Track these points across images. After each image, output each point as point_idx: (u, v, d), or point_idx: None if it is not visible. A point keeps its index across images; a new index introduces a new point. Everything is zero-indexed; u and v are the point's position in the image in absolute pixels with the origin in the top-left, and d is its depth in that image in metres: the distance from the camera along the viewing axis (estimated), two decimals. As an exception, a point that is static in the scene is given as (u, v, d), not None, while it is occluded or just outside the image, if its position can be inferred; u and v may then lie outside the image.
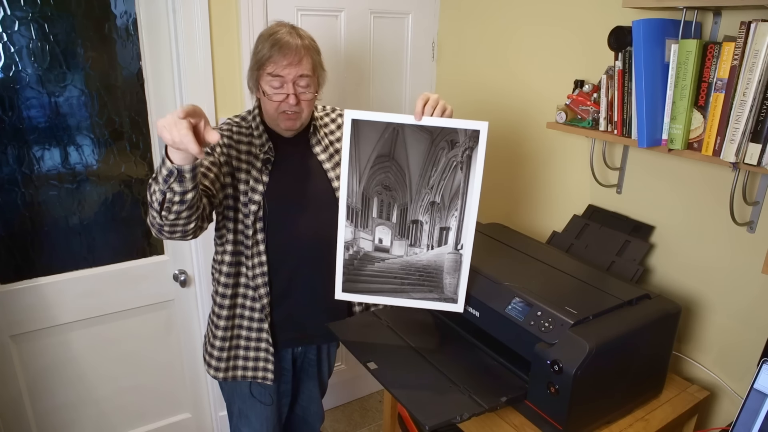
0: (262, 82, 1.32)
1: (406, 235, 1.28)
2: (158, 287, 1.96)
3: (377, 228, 1.31)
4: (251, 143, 1.39)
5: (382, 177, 1.28)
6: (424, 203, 1.27)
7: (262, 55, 1.30)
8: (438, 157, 1.24)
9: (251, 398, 1.53)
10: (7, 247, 1.70)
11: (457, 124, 1.21)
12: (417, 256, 1.27)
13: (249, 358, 1.48)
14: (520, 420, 1.30)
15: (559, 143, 1.82)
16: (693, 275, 1.51)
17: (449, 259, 1.23)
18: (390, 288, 1.28)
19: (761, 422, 1.10)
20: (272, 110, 1.34)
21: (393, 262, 1.29)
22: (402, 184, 1.28)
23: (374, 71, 2.16)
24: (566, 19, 1.72)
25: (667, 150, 1.36)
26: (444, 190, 1.25)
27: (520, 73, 1.93)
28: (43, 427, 1.88)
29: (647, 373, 1.34)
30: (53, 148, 1.70)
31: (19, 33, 1.56)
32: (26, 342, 1.78)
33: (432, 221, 1.26)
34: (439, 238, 1.25)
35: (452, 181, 1.24)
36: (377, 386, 2.57)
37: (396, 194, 1.29)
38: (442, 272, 1.24)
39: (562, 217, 1.80)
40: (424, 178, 1.26)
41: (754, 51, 1.14)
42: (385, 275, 1.29)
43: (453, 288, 1.23)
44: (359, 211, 1.30)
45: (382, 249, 1.31)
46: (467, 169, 1.22)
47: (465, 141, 1.22)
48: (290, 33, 1.31)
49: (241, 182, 1.37)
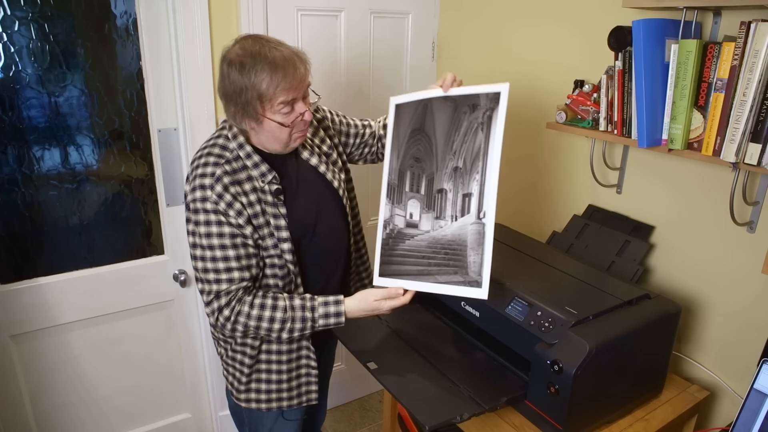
0: (270, 114, 1.19)
1: (433, 207, 1.27)
2: (158, 287, 1.96)
3: (409, 202, 1.31)
4: (251, 177, 1.24)
5: (414, 150, 1.31)
6: (448, 170, 1.26)
7: (265, 87, 1.15)
8: (460, 121, 1.25)
9: (283, 419, 1.47)
10: (7, 247, 1.70)
11: (480, 90, 1.23)
12: (442, 230, 1.24)
13: (293, 388, 1.41)
14: (520, 420, 1.30)
15: (559, 143, 1.82)
16: (693, 275, 1.51)
17: (472, 231, 1.20)
18: (417, 270, 1.25)
19: (761, 422, 1.10)
20: (285, 137, 1.23)
21: (421, 238, 1.27)
22: (429, 153, 1.29)
23: (374, 71, 2.16)
24: (566, 19, 1.72)
25: (667, 150, 1.36)
26: (466, 153, 1.24)
27: (519, 73, 1.92)
28: (43, 427, 1.88)
29: (647, 373, 1.34)
30: (53, 148, 1.70)
31: (19, 33, 1.56)
32: (26, 342, 1.78)
33: (455, 188, 1.24)
34: (462, 206, 1.23)
35: (473, 143, 1.23)
36: (377, 386, 2.57)
37: (425, 164, 1.30)
38: (466, 248, 1.20)
39: (562, 217, 1.80)
40: (448, 143, 1.27)
41: (754, 51, 1.14)
42: (414, 254, 1.27)
43: (477, 268, 1.17)
44: (395, 187, 1.33)
45: (412, 224, 1.30)
46: (488, 130, 1.21)
47: (486, 103, 1.22)
48: (268, 46, 1.17)
49: (263, 227, 1.25)
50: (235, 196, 1.21)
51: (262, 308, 1.23)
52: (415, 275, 1.26)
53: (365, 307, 1.26)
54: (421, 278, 1.25)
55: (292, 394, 1.42)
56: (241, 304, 1.23)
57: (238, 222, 1.21)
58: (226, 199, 1.20)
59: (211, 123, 1.85)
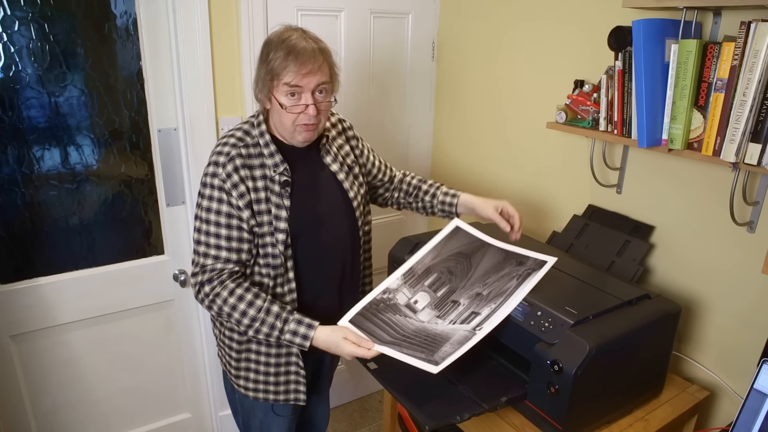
0: (276, 93, 1.24)
1: (440, 308, 1.30)
2: (158, 287, 1.96)
3: (420, 292, 1.34)
4: (264, 165, 1.29)
5: (452, 265, 1.39)
6: (472, 292, 1.32)
7: (276, 65, 1.21)
8: (503, 267, 1.36)
9: (273, 414, 1.49)
10: (7, 247, 1.70)
11: (533, 255, 1.38)
12: (435, 326, 1.25)
13: (280, 383, 1.42)
14: (520, 420, 1.30)
15: (559, 143, 1.82)
16: (693, 275, 1.51)
17: (461, 334, 1.21)
18: (389, 340, 1.23)
19: (761, 422, 1.10)
20: (289, 123, 1.26)
21: (411, 322, 1.27)
22: (463, 276, 1.36)
23: (374, 71, 2.16)
24: (566, 19, 1.72)
25: (667, 150, 1.36)
26: (494, 288, 1.31)
27: (520, 73, 1.93)
28: (43, 427, 1.88)
29: (647, 373, 1.34)
30: (53, 148, 1.70)
31: (19, 33, 1.56)
32: (26, 342, 1.78)
33: (469, 305, 1.28)
34: (465, 318, 1.25)
35: (505, 284, 1.31)
36: (377, 386, 2.57)
37: (453, 279, 1.36)
38: (446, 342, 1.20)
39: (562, 217, 1.80)
40: (484, 277, 1.35)
41: (754, 51, 1.14)
42: (395, 328, 1.26)
43: (444, 356, 1.16)
44: (416, 275, 1.37)
45: (411, 308, 1.31)
46: (522, 281, 1.30)
47: (532, 264, 1.35)
48: (304, 38, 1.23)
49: (264, 213, 1.28)
50: (243, 179, 1.26)
51: (240, 300, 1.26)
52: (383, 342, 1.22)
53: (333, 340, 1.23)
54: (388, 345, 1.22)
55: (279, 389, 1.43)
56: (223, 288, 1.27)
57: (238, 204, 1.26)
58: (233, 179, 1.25)
59: (211, 123, 1.85)
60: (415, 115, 2.33)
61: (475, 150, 2.18)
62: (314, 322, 1.26)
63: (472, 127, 2.18)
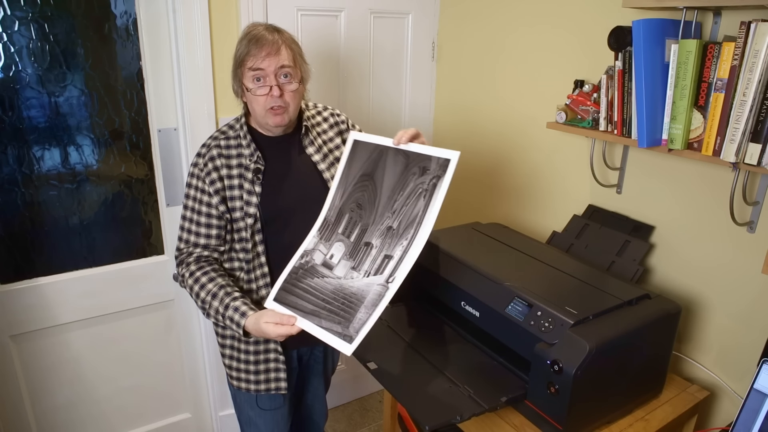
0: (244, 79, 1.31)
1: (354, 257, 1.28)
2: (158, 287, 1.96)
3: (335, 243, 1.32)
4: (241, 155, 1.36)
5: (359, 195, 1.35)
6: (383, 227, 1.27)
7: (240, 53, 1.30)
8: (407, 182, 1.28)
9: (258, 408, 1.52)
10: (7, 247, 1.70)
11: (431, 152, 1.25)
12: (352, 281, 1.24)
13: (260, 372, 1.45)
14: (520, 420, 1.30)
15: (559, 143, 1.82)
16: (693, 275, 1.51)
17: (375, 291, 1.20)
18: (310, 309, 1.24)
19: (761, 422, 1.10)
20: (260, 108, 1.32)
21: (329, 282, 1.27)
22: (372, 204, 1.32)
23: (374, 71, 2.16)
24: (566, 19, 1.72)
25: (667, 150, 1.36)
26: (403, 216, 1.25)
27: (520, 73, 1.93)
28: (43, 427, 1.88)
29: (647, 373, 1.34)
30: (53, 148, 1.70)
31: (19, 33, 1.56)
32: (26, 342, 1.78)
33: (381, 247, 1.25)
34: (379, 266, 1.23)
35: (413, 208, 1.25)
36: (377, 386, 2.57)
37: (364, 213, 1.32)
38: (361, 304, 1.20)
39: (562, 217, 1.80)
40: (390, 200, 1.29)
41: (754, 51, 1.14)
42: (315, 293, 1.27)
43: (359, 325, 1.17)
44: (330, 225, 1.36)
45: (328, 265, 1.30)
46: (429, 198, 1.22)
47: (435, 169, 1.24)
48: (267, 28, 1.31)
49: (236, 199, 1.35)
50: (218, 167, 1.35)
51: (195, 282, 1.33)
52: (305, 313, 1.25)
53: (258, 328, 1.24)
54: (308, 317, 1.24)
55: (260, 378, 1.46)
56: (187, 269, 1.36)
57: (209, 191, 1.34)
58: (207, 168, 1.34)
59: (211, 123, 1.85)
60: (415, 115, 2.33)
61: (475, 150, 2.18)
62: (249, 311, 1.27)
63: (472, 127, 2.18)
